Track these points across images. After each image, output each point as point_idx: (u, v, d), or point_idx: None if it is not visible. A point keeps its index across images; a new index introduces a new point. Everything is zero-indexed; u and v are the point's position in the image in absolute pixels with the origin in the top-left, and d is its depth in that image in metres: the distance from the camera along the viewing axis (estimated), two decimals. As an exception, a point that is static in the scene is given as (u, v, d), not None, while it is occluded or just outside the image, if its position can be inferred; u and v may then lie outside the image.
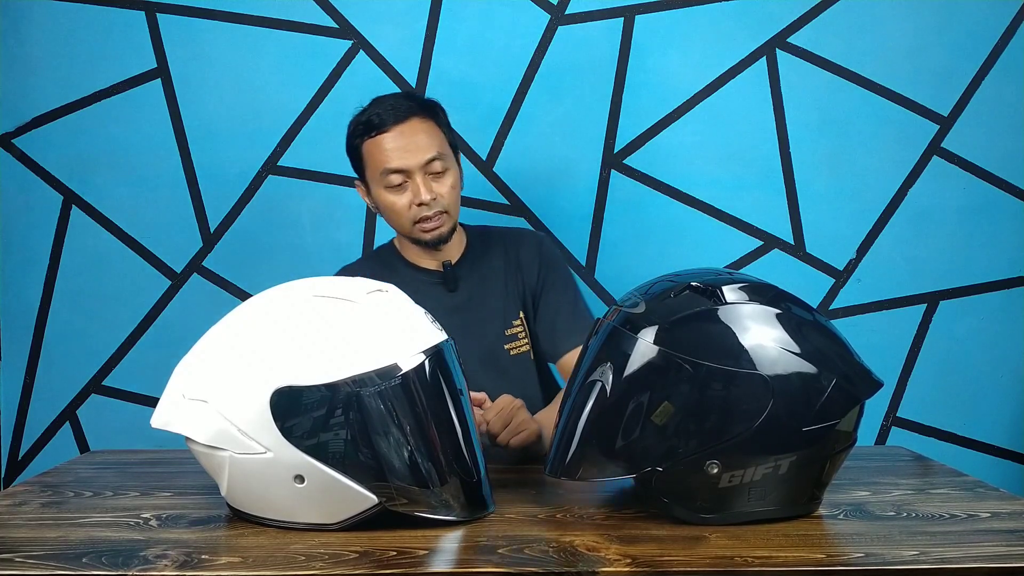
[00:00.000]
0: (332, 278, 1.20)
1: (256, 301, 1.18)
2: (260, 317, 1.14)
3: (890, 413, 2.13)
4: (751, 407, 1.07)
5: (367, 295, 1.15)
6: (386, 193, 1.65)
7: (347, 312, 1.12)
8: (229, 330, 1.15)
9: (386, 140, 1.63)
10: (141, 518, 1.13)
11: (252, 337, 1.11)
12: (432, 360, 1.12)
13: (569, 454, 1.14)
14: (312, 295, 1.14)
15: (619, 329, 1.13)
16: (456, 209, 1.69)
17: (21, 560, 0.99)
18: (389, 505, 1.07)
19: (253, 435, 1.07)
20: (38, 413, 2.11)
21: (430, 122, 1.67)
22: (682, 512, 1.10)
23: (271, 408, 1.06)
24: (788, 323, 1.11)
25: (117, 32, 2.06)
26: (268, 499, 1.09)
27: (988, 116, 2.08)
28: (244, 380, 1.08)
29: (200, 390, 1.11)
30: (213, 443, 1.09)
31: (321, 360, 1.07)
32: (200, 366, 1.14)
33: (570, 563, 0.97)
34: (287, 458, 1.06)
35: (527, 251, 1.77)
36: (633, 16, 2.08)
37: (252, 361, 1.09)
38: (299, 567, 0.97)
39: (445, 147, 1.67)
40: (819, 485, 1.15)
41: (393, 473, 1.08)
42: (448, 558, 1.02)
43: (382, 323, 1.12)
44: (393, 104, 1.66)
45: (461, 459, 1.13)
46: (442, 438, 1.12)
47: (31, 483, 1.31)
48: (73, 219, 2.08)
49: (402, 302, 1.19)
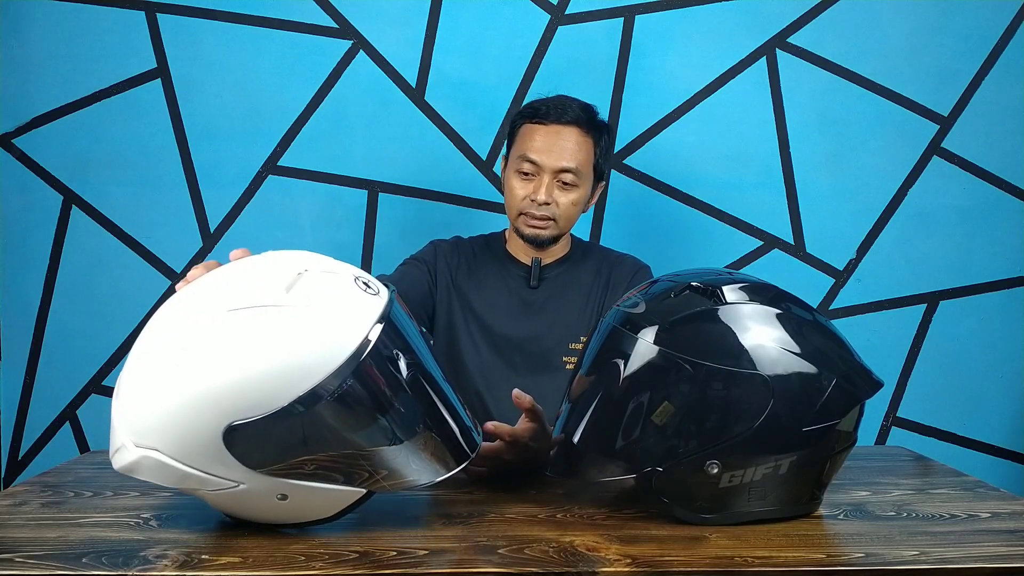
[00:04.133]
0: (239, 270, 1.06)
1: (167, 323, 1.04)
2: (181, 344, 1.00)
3: (890, 413, 2.13)
4: (751, 407, 1.06)
5: (286, 293, 1.01)
6: (513, 176, 1.71)
7: (271, 321, 0.99)
8: (154, 362, 1.02)
9: (539, 131, 1.69)
10: (141, 518, 1.13)
11: (182, 372, 0.98)
12: (386, 327, 1.03)
13: (569, 454, 1.14)
14: (226, 310, 0.99)
15: (619, 329, 1.13)
16: (567, 224, 1.73)
17: (21, 560, 0.99)
18: (378, 489, 1.04)
19: (219, 474, 1.01)
20: (38, 413, 2.11)
21: (588, 139, 1.71)
22: (682, 512, 1.10)
23: (227, 447, 0.98)
24: (788, 323, 1.11)
25: (117, 32, 2.06)
26: (257, 513, 1.07)
27: (988, 116, 2.09)
28: (190, 423, 0.98)
29: (147, 438, 1.00)
30: (182, 486, 1.04)
31: (263, 385, 0.97)
32: (137, 408, 1.01)
33: (570, 563, 0.97)
34: (262, 486, 1.02)
35: (619, 275, 1.77)
36: (633, 16, 2.08)
37: (190, 401, 0.97)
38: (299, 567, 0.97)
39: (587, 167, 1.71)
40: (819, 485, 1.15)
41: (378, 460, 1.03)
42: (448, 558, 1.01)
43: (312, 321, 1.00)
44: (565, 106, 1.71)
45: (442, 410, 1.08)
46: (422, 399, 1.06)
47: (31, 483, 1.31)
48: (73, 219, 2.08)
49: (326, 282, 1.04)
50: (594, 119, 1.73)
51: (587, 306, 1.75)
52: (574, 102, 1.72)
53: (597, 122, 1.74)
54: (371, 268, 2.10)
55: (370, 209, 2.09)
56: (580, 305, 1.74)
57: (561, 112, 1.70)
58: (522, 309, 1.72)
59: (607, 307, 1.72)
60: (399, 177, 2.10)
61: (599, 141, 1.73)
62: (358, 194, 2.09)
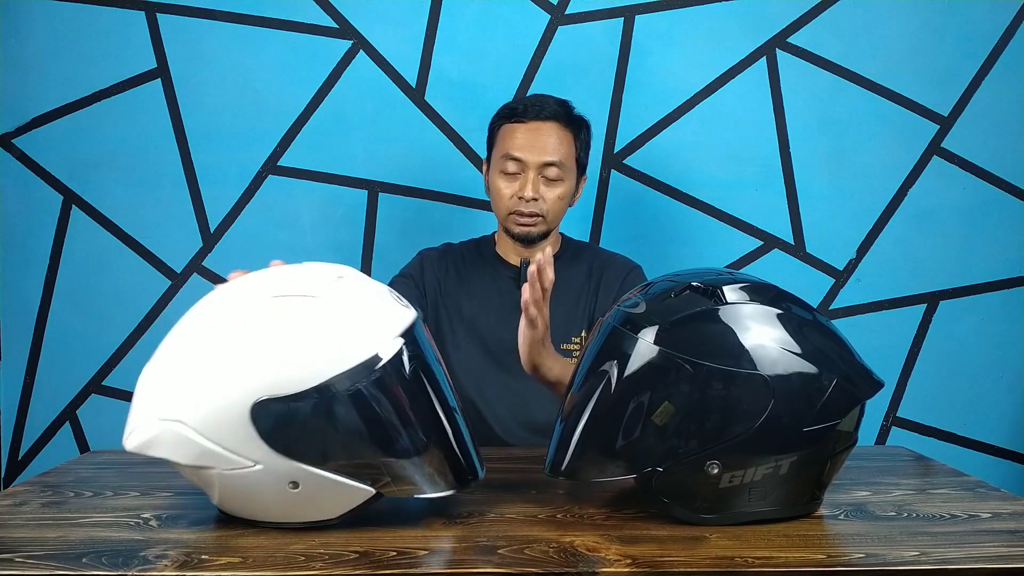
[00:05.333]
0: (283, 269, 1.15)
1: (211, 305, 1.11)
2: (222, 323, 1.07)
3: (890, 413, 2.13)
4: (752, 407, 1.06)
5: (328, 287, 1.09)
6: (499, 177, 1.73)
7: (313, 309, 1.07)
8: (192, 339, 1.09)
9: (519, 129, 1.71)
10: (141, 518, 1.13)
11: (219, 347, 1.05)
12: (410, 341, 1.09)
13: (569, 454, 1.14)
14: (271, 295, 1.08)
15: (619, 329, 1.13)
16: (555, 219, 1.74)
17: (21, 560, 0.99)
18: (387, 492, 1.06)
19: (239, 451, 1.04)
20: (38, 413, 2.11)
21: (567, 133, 1.73)
22: (682, 512, 1.10)
23: (253, 422, 1.02)
24: (789, 323, 1.11)
25: (117, 32, 2.06)
26: (262, 505, 1.08)
27: (988, 116, 2.09)
28: (220, 396, 1.03)
29: (173, 410, 1.05)
30: (197, 463, 1.06)
31: (298, 365, 1.03)
32: (168, 382, 1.07)
33: (570, 563, 0.97)
34: (278, 468, 1.04)
35: (611, 275, 1.77)
36: (633, 16, 2.08)
37: (225, 374, 1.03)
38: (299, 567, 0.97)
39: (570, 160, 1.73)
40: (820, 485, 1.15)
41: (389, 462, 1.06)
42: (448, 558, 1.01)
43: (351, 314, 1.08)
44: (543, 103, 1.73)
45: (448, 431, 1.11)
46: (431, 416, 1.10)
47: (31, 483, 1.31)
48: (73, 219, 2.08)
49: (364, 286, 1.13)
50: (571, 114, 1.75)
51: (577, 306, 1.74)
52: (550, 98, 1.75)
53: (575, 116, 1.76)
54: (371, 268, 2.10)
55: (370, 209, 2.09)
56: (571, 305, 1.74)
57: (539, 109, 1.72)
58: (512, 311, 1.67)
59: (599, 307, 1.72)
60: (399, 177, 2.09)
61: (579, 135, 1.75)
62: (358, 194, 2.09)
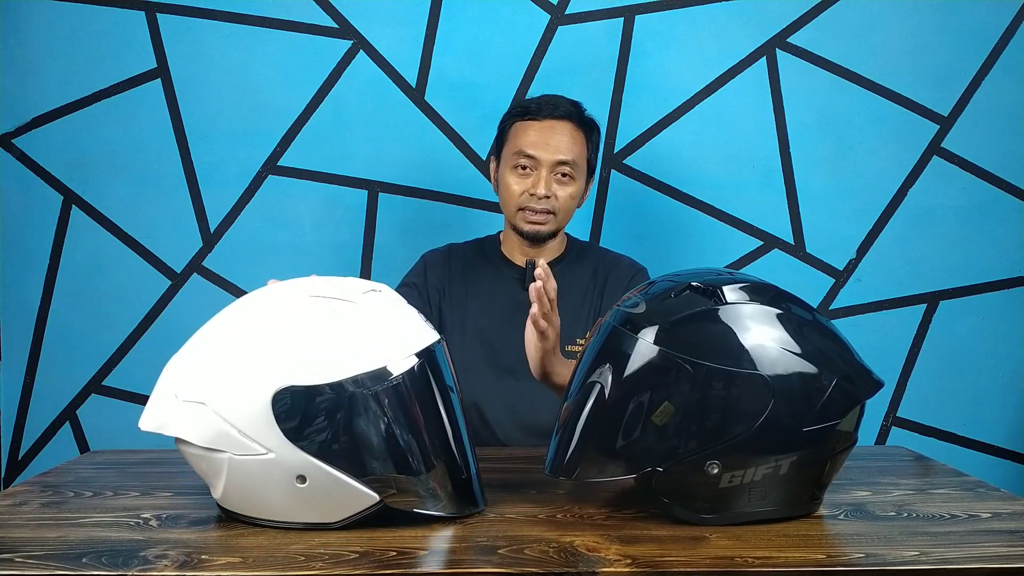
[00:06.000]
0: (326, 278, 1.20)
1: (251, 300, 1.17)
2: (257, 317, 1.13)
3: (890, 413, 2.13)
4: (751, 407, 1.06)
5: (363, 295, 1.15)
6: (510, 173, 1.73)
7: (345, 312, 1.12)
8: (225, 329, 1.14)
9: (533, 127, 1.72)
10: (141, 518, 1.13)
11: (250, 337, 1.11)
12: (425, 361, 1.13)
13: (569, 454, 1.14)
14: (309, 295, 1.14)
15: (619, 329, 1.13)
16: (565, 218, 1.75)
17: (21, 560, 0.99)
18: (390, 502, 1.07)
19: (254, 436, 1.06)
20: (38, 413, 2.11)
21: (580, 134, 1.74)
22: (682, 512, 1.10)
23: (273, 409, 1.06)
24: (789, 323, 1.11)
25: (117, 32, 2.06)
26: (267, 500, 1.09)
27: (988, 116, 2.08)
28: (244, 381, 1.08)
29: (196, 391, 1.10)
30: (211, 445, 1.08)
31: (323, 360, 1.07)
32: (195, 366, 1.12)
33: (570, 563, 0.97)
34: (289, 459, 1.06)
35: (616, 277, 1.77)
36: (633, 16, 2.08)
37: (252, 361, 1.08)
38: (299, 567, 0.97)
39: (582, 160, 1.74)
40: (819, 485, 1.15)
41: (395, 471, 1.08)
42: (448, 558, 1.01)
43: (375, 324, 1.12)
44: (556, 102, 1.74)
45: (453, 456, 1.13)
46: (437, 436, 1.12)
47: (31, 483, 1.31)
48: (73, 219, 2.08)
49: (395, 302, 1.19)
50: (584, 115, 1.77)
51: (583, 307, 1.74)
52: (563, 99, 1.76)
53: (587, 118, 1.77)
54: (371, 268, 2.10)
55: (370, 209, 2.09)
56: (575, 307, 1.74)
57: (553, 108, 1.73)
58: (517, 310, 1.68)
59: (604, 309, 1.72)
60: (399, 177, 2.09)
61: (591, 136, 1.77)
62: (358, 194, 2.09)
